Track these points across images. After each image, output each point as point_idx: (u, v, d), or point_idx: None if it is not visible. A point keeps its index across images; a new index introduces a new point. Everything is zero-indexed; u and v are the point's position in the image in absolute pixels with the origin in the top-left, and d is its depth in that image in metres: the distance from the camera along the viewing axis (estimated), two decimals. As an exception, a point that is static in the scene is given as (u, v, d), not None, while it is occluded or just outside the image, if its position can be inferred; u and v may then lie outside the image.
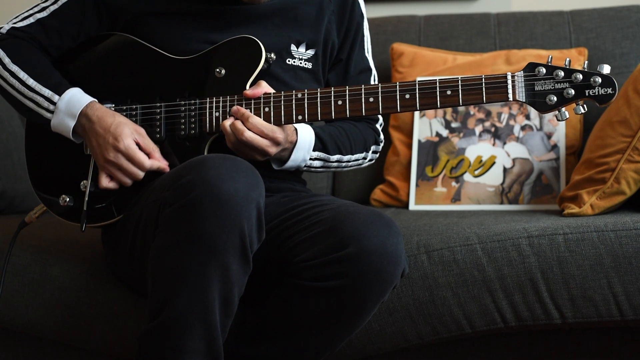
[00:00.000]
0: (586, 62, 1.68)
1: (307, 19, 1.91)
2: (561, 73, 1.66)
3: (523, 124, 2.42)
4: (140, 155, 1.76)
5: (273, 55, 1.82)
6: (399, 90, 1.71)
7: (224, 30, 1.85)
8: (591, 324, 1.87)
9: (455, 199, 2.40)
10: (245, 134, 1.72)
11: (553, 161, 2.37)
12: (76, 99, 1.79)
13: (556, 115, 1.67)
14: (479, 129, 2.44)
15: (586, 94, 1.65)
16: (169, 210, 1.57)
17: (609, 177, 2.00)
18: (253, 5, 1.86)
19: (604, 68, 1.65)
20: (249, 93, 1.75)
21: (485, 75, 1.68)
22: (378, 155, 2.03)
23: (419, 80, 1.71)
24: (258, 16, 1.87)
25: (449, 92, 1.69)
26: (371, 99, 1.72)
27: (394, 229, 1.68)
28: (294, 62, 1.89)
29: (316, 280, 1.67)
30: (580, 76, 1.65)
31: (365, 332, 1.87)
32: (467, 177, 2.41)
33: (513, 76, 1.68)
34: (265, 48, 1.79)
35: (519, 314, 1.86)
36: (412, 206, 2.43)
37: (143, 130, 1.79)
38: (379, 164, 2.54)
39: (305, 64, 1.91)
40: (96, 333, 1.96)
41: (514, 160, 2.40)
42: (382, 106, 1.72)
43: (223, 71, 1.80)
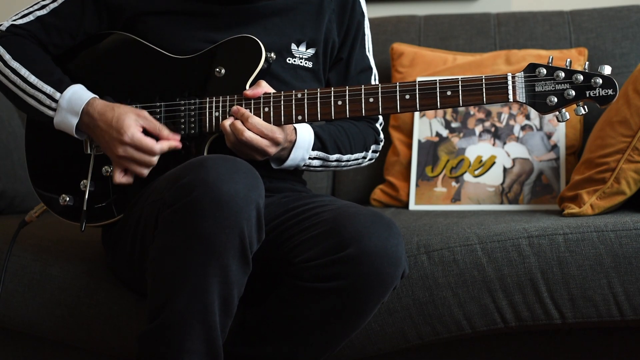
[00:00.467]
0: (587, 63, 1.68)
1: (308, 18, 1.91)
2: (562, 74, 1.66)
3: (523, 124, 2.41)
4: (148, 141, 1.74)
5: (273, 55, 1.81)
6: (399, 90, 1.71)
7: (224, 29, 1.84)
8: (591, 324, 1.87)
9: (455, 199, 2.40)
10: (245, 134, 1.72)
11: (553, 161, 2.37)
12: (78, 96, 1.79)
13: (557, 117, 1.67)
14: (479, 129, 2.44)
15: (587, 95, 1.65)
16: (169, 211, 1.57)
17: (609, 177, 2.00)
18: (253, 4, 1.86)
19: (605, 69, 1.64)
20: (249, 93, 1.75)
21: (485, 76, 1.68)
22: (378, 154, 2.03)
23: (419, 81, 1.70)
24: (258, 15, 1.87)
25: (449, 93, 1.69)
26: (371, 100, 1.72)
27: (395, 230, 1.68)
28: (295, 62, 1.89)
29: (316, 281, 1.66)
30: (581, 77, 1.65)
31: (365, 332, 1.87)
32: (467, 177, 2.41)
33: (513, 77, 1.67)
34: (265, 47, 1.79)
35: (519, 314, 1.86)
36: (412, 206, 2.43)
37: (145, 113, 1.76)
38: (379, 164, 2.54)
39: (306, 63, 1.91)
40: (96, 333, 1.95)
41: (514, 160, 2.40)
42: (382, 106, 1.72)
43: (223, 71, 1.80)
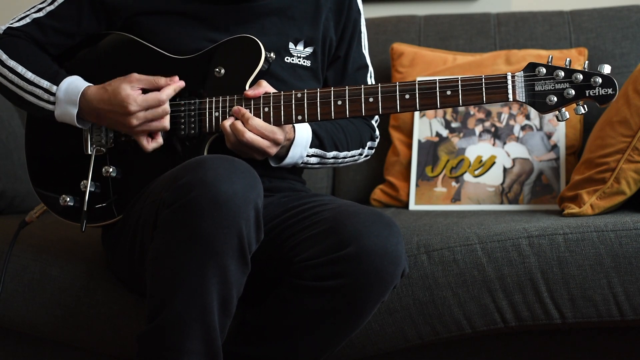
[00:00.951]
0: (586, 62, 1.68)
1: (305, 17, 1.91)
2: (561, 73, 1.66)
3: (523, 124, 2.41)
4: (152, 96, 1.75)
5: (273, 55, 1.81)
6: (399, 90, 1.71)
7: (222, 29, 1.84)
8: (591, 324, 1.87)
9: (455, 199, 2.40)
10: (246, 135, 1.72)
11: (553, 161, 2.37)
12: (74, 86, 1.79)
13: (556, 116, 1.67)
14: (479, 129, 2.44)
15: (586, 94, 1.65)
16: (167, 211, 1.57)
17: (609, 177, 2.00)
18: (251, 3, 1.86)
19: (605, 68, 1.64)
20: (250, 93, 1.75)
21: (485, 76, 1.68)
22: (374, 151, 2.03)
23: (418, 81, 1.70)
24: (256, 15, 1.87)
25: (449, 93, 1.69)
26: (371, 99, 1.72)
27: (395, 229, 1.68)
28: (293, 60, 1.89)
29: (316, 280, 1.66)
30: (580, 76, 1.65)
31: (365, 332, 1.87)
32: (467, 177, 2.40)
33: (513, 76, 1.67)
34: (264, 47, 1.79)
35: (519, 314, 1.86)
36: (412, 206, 2.43)
37: (134, 75, 1.77)
38: (379, 164, 2.54)
39: (304, 62, 1.91)
40: (96, 333, 1.95)
41: (514, 160, 2.40)
42: (382, 106, 1.72)
43: (222, 71, 1.80)
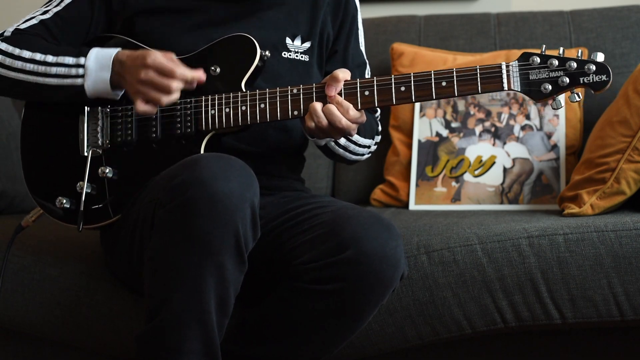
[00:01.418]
0: (580, 50, 1.68)
1: (302, 12, 1.91)
2: (555, 62, 1.66)
3: (523, 124, 2.41)
4: (170, 64, 1.70)
5: (268, 53, 1.81)
6: (394, 82, 1.71)
7: (219, 25, 1.85)
8: (591, 324, 1.87)
9: (455, 199, 2.39)
10: (343, 122, 1.70)
11: (553, 161, 2.37)
12: (103, 52, 1.77)
13: (551, 104, 1.67)
14: (479, 128, 2.44)
15: (581, 81, 1.65)
16: (164, 210, 1.57)
17: (609, 177, 2.00)
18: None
19: (598, 56, 1.65)
20: (332, 94, 1.71)
21: (480, 66, 1.68)
22: (376, 147, 2.01)
23: (414, 73, 1.71)
24: (253, 10, 1.87)
25: (444, 84, 1.69)
26: (366, 92, 1.72)
27: (394, 232, 1.68)
28: (290, 56, 1.89)
29: (315, 283, 1.66)
30: (574, 64, 1.65)
31: (365, 333, 1.87)
32: (467, 177, 2.40)
33: (508, 66, 1.67)
34: (260, 45, 1.79)
35: (519, 314, 1.86)
36: (412, 206, 2.43)
37: (173, 55, 1.74)
38: (379, 164, 2.54)
39: (302, 57, 1.91)
40: (96, 333, 1.96)
41: (514, 160, 2.40)
42: (378, 99, 1.72)
43: (218, 69, 1.80)
